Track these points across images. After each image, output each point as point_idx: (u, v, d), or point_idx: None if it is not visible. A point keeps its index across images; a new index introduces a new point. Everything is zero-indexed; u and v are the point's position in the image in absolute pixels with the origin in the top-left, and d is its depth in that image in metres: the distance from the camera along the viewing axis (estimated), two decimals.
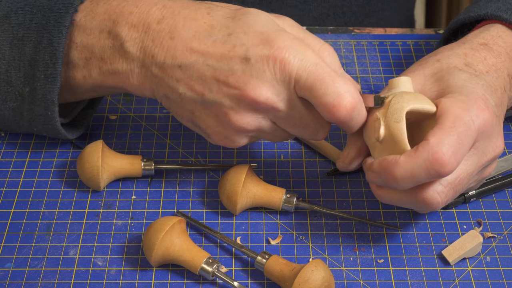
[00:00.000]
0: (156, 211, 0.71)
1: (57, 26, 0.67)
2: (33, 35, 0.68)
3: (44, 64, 0.67)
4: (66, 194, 0.72)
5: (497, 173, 0.73)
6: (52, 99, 0.68)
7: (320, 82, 0.60)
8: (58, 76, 0.67)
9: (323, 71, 0.60)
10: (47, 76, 0.67)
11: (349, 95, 0.60)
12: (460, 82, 0.63)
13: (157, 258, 0.64)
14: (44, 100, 0.68)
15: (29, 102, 0.69)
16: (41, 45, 0.67)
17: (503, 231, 0.69)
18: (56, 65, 0.67)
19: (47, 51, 0.67)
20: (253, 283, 0.65)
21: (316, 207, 0.69)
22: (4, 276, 0.65)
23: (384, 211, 0.71)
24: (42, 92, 0.68)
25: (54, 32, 0.67)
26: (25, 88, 0.69)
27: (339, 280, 0.65)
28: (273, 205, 0.69)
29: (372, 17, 1.02)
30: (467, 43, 0.69)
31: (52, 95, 0.68)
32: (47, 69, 0.67)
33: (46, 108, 0.69)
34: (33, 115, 0.70)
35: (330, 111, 0.60)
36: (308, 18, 0.98)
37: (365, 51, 0.89)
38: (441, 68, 0.65)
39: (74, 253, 0.67)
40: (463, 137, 0.59)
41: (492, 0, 0.73)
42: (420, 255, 0.67)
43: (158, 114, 0.80)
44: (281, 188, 0.69)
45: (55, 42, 0.67)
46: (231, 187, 0.67)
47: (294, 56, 0.60)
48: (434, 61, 0.66)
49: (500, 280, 0.65)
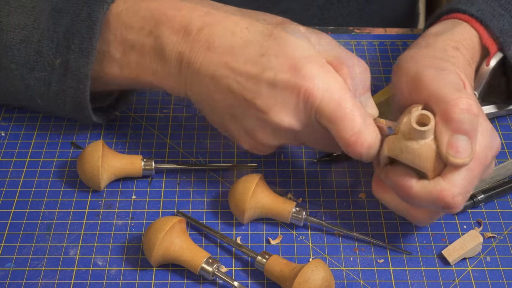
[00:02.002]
0: (156, 211, 0.71)
1: (99, 1, 0.67)
2: (72, 8, 0.68)
3: (80, 37, 0.67)
4: (66, 194, 0.72)
5: (506, 176, 0.73)
6: (85, 73, 0.68)
7: (340, 119, 0.61)
8: (94, 50, 0.67)
9: (344, 107, 0.61)
10: (82, 50, 0.67)
11: (367, 134, 0.61)
12: None
13: (157, 258, 0.64)
14: (77, 73, 0.68)
15: (59, 74, 0.69)
16: (79, 18, 0.67)
17: (503, 231, 0.69)
18: (92, 39, 0.67)
19: (84, 24, 0.67)
20: (253, 283, 0.65)
21: (325, 223, 0.68)
22: (4, 276, 0.65)
23: (384, 211, 0.71)
24: (75, 65, 0.68)
25: (94, 6, 0.67)
26: (56, 60, 0.69)
27: (339, 280, 0.65)
28: (281, 217, 0.68)
29: (375, 3, 1.01)
30: (444, 51, 0.68)
31: (86, 69, 0.68)
32: (83, 42, 0.67)
33: (78, 81, 0.69)
34: (63, 87, 0.70)
35: (346, 146, 0.62)
36: (312, 7, 0.98)
37: (365, 51, 0.89)
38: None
39: (74, 253, 0.67)
40: (475, 179, 0.61)
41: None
42: (420, 255, 0.67)
43: (158, 114, 0.80)
44: (290, 201, 0.68)
45: (94, 16, 0.67)
46: (240, 195, 0.67)
47: (318, 88, 0.61)
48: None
49: (500, 280, 0.65)
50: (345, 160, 0.75)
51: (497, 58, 0.71)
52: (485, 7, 0.72)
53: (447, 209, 0.60)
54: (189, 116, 0.80)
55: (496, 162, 0.75)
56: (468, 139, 0.59)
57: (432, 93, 0.61)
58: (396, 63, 0.66)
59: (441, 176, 0.60)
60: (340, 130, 0.61)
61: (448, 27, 0.71)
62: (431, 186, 0.60)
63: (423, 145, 0.60)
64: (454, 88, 0.60)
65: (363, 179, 0.74)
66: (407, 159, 0.60)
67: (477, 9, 0.71)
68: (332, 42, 0.65)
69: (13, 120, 0.79)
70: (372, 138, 0.62)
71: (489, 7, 0.72)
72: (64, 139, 0.77)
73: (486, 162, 0.61)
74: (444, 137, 0.59)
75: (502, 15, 0.71)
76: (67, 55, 0.68)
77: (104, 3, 0.67)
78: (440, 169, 0.60)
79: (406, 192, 0.61)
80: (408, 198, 0.62)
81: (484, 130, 0.61)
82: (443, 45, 0.68)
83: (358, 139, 0.61)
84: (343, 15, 1.00)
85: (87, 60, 0.67)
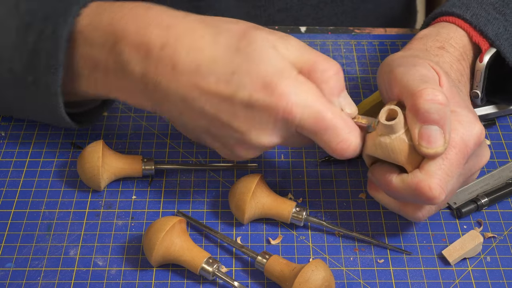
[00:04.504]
0: (156, 211, 0.71)
1: (63, 15, 0.65)
2: (39, 23, 0.66)
3: (46, 54, 0.65)
4: (66, 194, 0.72)
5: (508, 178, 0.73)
6: (54, 91, 0.66)
7: (323, 131, 0.61)
8: (60, 67, 0.65)
9: (325, 119, 0.61)
10: (49, 67, 0.66)
11: (351, 139, 0.62)
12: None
13: (158, 258, 0.64)
14: (47, 91, 0.67)
15: (32, 91, 0.68)
16: (44, 34, 0.66)
17: (503, 231, 0.69)
18: (58, 55, 0.65)
19: (49, 40, 0.65)
20: (253, 283, 0.65)
21: (325, 223, 0.69)
22: (5, 276, 0.65)
23: (384, 211, 0.71)
24: (44, 83, 0.67)
25: (59, 20, 0.65)
26: (28, 77, 0.67)
27: (339, 280, 0.65)
28: (282, 217, 0.68)
29: (370, 2, 1.01)
30: (427, 52, 0.69)
31: (55, 86, 0.66)
32: (49, 59, 0.65)
33: (49, 99, 0.67)
34: (37, 103, 0.69)
35: (333, 153, 0.62)
36: (306, 7, 0.97)
37: (365, 51, 0.89)
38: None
39: (75, 253, 0.67)
40: (454, 168, 0.61)
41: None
42: (420, 255, 0.67)
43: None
44: (291, 201, 0.68)
45: (58, 31, 0.65)
46: (240, 195, 0.67)
47: (297, 105, 0.60)
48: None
49: (500, 280, 0.65)
50: (345, 160, 0.75)
51: (490, 54, 0.71)
52: (480, 12, 0.72)
53: (428, 200, 0.60)
54: None
55: (498, 164, 0.75)
56: (438, 128, 0.59)
57: (402, 88, 0.62)
58: (379, 69, 0.67)
59: (418, 168, 0.60)
60: (324, 141, 0.62)
61: (435, 29, 0.72)
62: (409, 178, 0.60)
63: (394, 139, 0.60)
64: (421, 80, 0.61)
65: (363, 179, 0.74)
66: (383, 155, 0.61)
67: (472, 14, 0.72)
68: (300, 45, 0.63)
69: (13, 120, 0.79)
70: (356, 141, 0.62)
71: (484, 11, 0.72)
72: (64, 139, 0.77)
73: (467, 150, 0.61)
74: (414, 129, 0.60)
75: (496, 19, 0.72)
76: (36, 72, 0.67)
77: (69, 16, 0.65)
78: (418, 162, 0.61)
79: (388, 187, 0.62)
80: (391, 193, 0.62)
81: (462, 118, 0.61)
82: (425, 46, 0.70)
83: (344, 145, 0.61)
84: (338, 14, 1.00)
85: (55, 78, 0.66)
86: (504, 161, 0.75)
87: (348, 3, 0.99)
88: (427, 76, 0.62)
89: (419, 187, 0.59)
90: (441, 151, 0.59)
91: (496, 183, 0.72)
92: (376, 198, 0.67)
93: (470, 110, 0.63)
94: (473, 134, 0.61)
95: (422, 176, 0.60)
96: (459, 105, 0.63)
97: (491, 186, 0.72)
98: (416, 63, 0.63)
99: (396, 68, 0.63)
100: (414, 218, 0.65)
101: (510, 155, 0.76)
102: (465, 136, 0.61)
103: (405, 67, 0.63)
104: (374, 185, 0.66)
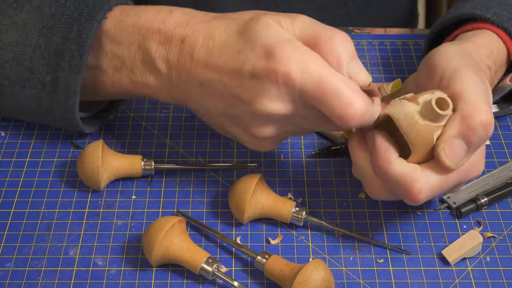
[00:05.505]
0: (156, 211, 0.71)
1: (89, 20, 0.68)
2: (63, 26, 0.69)
3: (71, 55, 0.68)
4: (66, 194, 0.72)
5: (508, 177, 0.73)
6: (74, 90, 0.69)
7: (325, 95, 0.59)
8: (84, 67, 0.68)
9: (326, 82, 0.59)
10: (72, 67, 0.68)
11: (357, 104, 0.59)
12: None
13: (157, 258, 0.64)
14: (66, 90, 0.69)
15: (49, 91, 0.70)
16: (70, 35, 0.68)
17: (503, 231, 0.69)
18: (82, 56, 0.68)
19: (75, 42, 0.68)
20: (253, 283, 0.65)
21: (325, 223, 0.69)
22: (4, 276, 0.65)
23: (384, 211, 0.71)
24: (65, 82, 0.69)
25: (85, 24, 0.68)
26: (46, 77, 0.69)
27: (339, 280, 0.65)
28: (281, 217, 0.68)
29: (374, 5, 1.02)
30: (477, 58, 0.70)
31: (75, 86, 0.69)
32: (73, 59, 0.68)
33: (67, 97, 0.69)
34: (52, 103, 0.71)
35: (339, 121, 0.60)
36: (309, 9, 0.98)
37: (365, 51, 0.89)
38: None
39: (74, 253, 0.67)
40: (450, 185, 0.62)
41: (469, 1, 0.77)
42: (420, 255, 0.67)
43: (158, 114, 0.80)
44: (290, 201, 0.68)
45: (84, 34, 0.68)
46: (240, 195, 0.67)
47: (296, 70, 0.60)
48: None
49: (500, 280, 0.65)
50: (343, 154, 0.75)
51: None
52: (500, 11, 0.73)
53: (406, 197, 0.60)
54: (189, 116, 0.80)
55: (497, 163, 0.75)
56: (467, 150, 0.60)
57: (464, 92, 0.61)
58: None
59: (421, 166, 0.60)
60: (328, 107, 0.60)
61: (483, 41, 0.73)
62: (407, 169, 0.60)
63: (429, 126, 0.60)
64: (485, 100, 0.61)
65: None
66: (406, 128, 0.60)
67: (493, 13, 0.73)
68: (307, 20, 0.64)
69: (13, 120, 0.79)
70: (363, 107, 0.60)
71: (505, 11, 0.74)
72: (64, 139, 0.77)
73: (463, 180, 0.62)
74: (449, 133, 0.60)
75: None
76: (57, 72, 0.69)
77: (95, 21, 0.68)
78: (424, 157, 0.61)
79: (381, 163, 0.61)
80: (380, 169, 0.61)
81: (479, 151, 0.62)
82: (481, 58, 0.70)
83: (349, 110, 0.59)
84: (341, 16, 1.00)
85: (77, 77, 0.68)
86: (504, 161, 0.75)
87: (352, 5, 1.00)
88: (490, 99, 0.62)
89: (410, 184, 0.59)
90: (452, 168, 0.60)
91: (496, 182, 0.72)
92: (354, 153, 0.65)
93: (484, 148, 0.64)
94: (477, 169, 0.63)
95: (420, 177, 0.60)
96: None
97: (490, 186, 0.72)
98: (482, 77, 0.63)
99: (464, 68, 0.63)
100: (373, 195, 0.64)
101: (510, 155, 0.76)
102: (471, 168, 0.62)
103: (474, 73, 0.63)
104: (361, 143, 0.64)
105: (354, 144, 0.65)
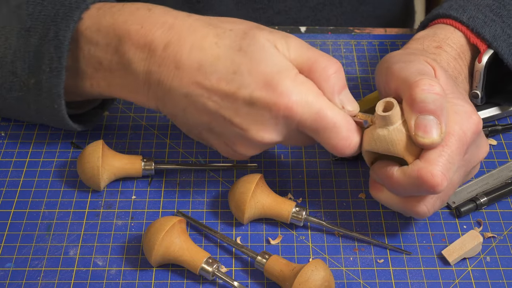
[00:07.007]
0: (156, 211, 0.71)
1: (65, 19, 0.67)
2: (40, 27, 0.68)
3: (49, 57, 0.67)
4: (66, 194, 0.72)
5: (508, 177, 0.73)
6: (58, 93, 0.68)
7: (323, 128, 0.62)
8: (63, 70, 0.67)
9: (325, 117, 0.61)
10: (52, 70, 0.67)
11: (352, 137, 0.62)
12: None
13: (157, 258, 0.64)
14: (50, 93, 0.68)
15: (34, 94, 0.69)
16: (47, 37, 0.67)
17: (503, 231, 0.69)
18: (61, 58, 0.66)
19: (52, 43, 0.67)
20: (253, 283, 0.65)
21: (325, 223, 0.69)
22: (4, 276, 0.65)
23: (384, 211, 0.71)
24: (47, 86, 0.68)
25: (61, 25, 0.67)
26: (30, 80, 0.68)
27: (339, 280, 0.65)
28: (281, 217, 0.68)
29: (369, 4, 1.02)
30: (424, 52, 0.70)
31: (58, 88, 0.67)
32: (52, 62, 0.67)
33: (52, 101, 0.69)
34: (39, 106, 0.70)
35: (333, 150, 0.63)
36: (305, 9, 0.98)
37: (365, 51, 0.89)
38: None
39: (74, 253, 0.67)
40: (455, 155, 0.60)
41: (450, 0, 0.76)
42: (420, 255, 0.67)
43: (158, 114, 0.80)
44: (290, 201, 0.68)
45: (61, 35, 0.66)
46: (240, 195, 0.67)
47: (297, 103, 0.61)
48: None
49: (500, 280, 0.65)
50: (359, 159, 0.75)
51: (489, 54, 0.71)
52: (477, 14, 0.72)
53: (430, 189, 0.59)
54: None
55: (497, 163, 0.75)
56: (434, 118, 0.59)
57: (399, 82, 0.62)
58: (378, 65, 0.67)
59: (418, 158, 0.61)
60: (325, 138, 0.62)
61: (432, 31, 0.73)
62: (410, 169, 0.60)
63: (392, 130, 0.61)
64: (417, 73, 0.61)
65: (363, 179, 0.74)
66: (382, 148, 0.61)
67: (468, 17, 0.72)
68: (301, 44, 0.64)
69: (13, 120, 0.79)
70: (357, 139, 0.63)
71: (481, 14, 0.72)
72: (64, 139, 0.77)
73: (466, 139, 0.61)
74: (411, 119, 0.60)
75: (494, 21, 0.72)
76: (39, 75, 0.68)
77: (71, 21, 0.66)
78: (417, 153, 0.61)
79: (390, 182, 0.62)
80: (393, 187, 0.62)
81: (458, 109, 0.62)
82: (422, 46, 0.70)
83: (345, 143, 0.62)
84: (336, 15, 1.00)
85: (58, 80, 0.67)
86: (503, 161, 0.75)
87: (347, 5, 0.99)
88: (423, 70, 0.62)
89: (420, 175, 0.59)
90: (438, 141, 0.59)
91: (496, 182, 0.72)
92: (379, 199, 0.66)
93: (467, 101, 0.63)
94: (471, 123, 0.61)
95: (422, 164, 0.59)
96: (456, 96, 0.63)
97: (490, 186, 0.72)
98: (413, 59, 0.64)
99: (394, 65, 0.64)
100: (418, 213, 0.64)
101: (510, 155, 0.76)
102: (463, 126, 0.61)
103: (402, 63, 0.63)
104: (376, 185, 0.66)
105: (373, 192, 0.66)
